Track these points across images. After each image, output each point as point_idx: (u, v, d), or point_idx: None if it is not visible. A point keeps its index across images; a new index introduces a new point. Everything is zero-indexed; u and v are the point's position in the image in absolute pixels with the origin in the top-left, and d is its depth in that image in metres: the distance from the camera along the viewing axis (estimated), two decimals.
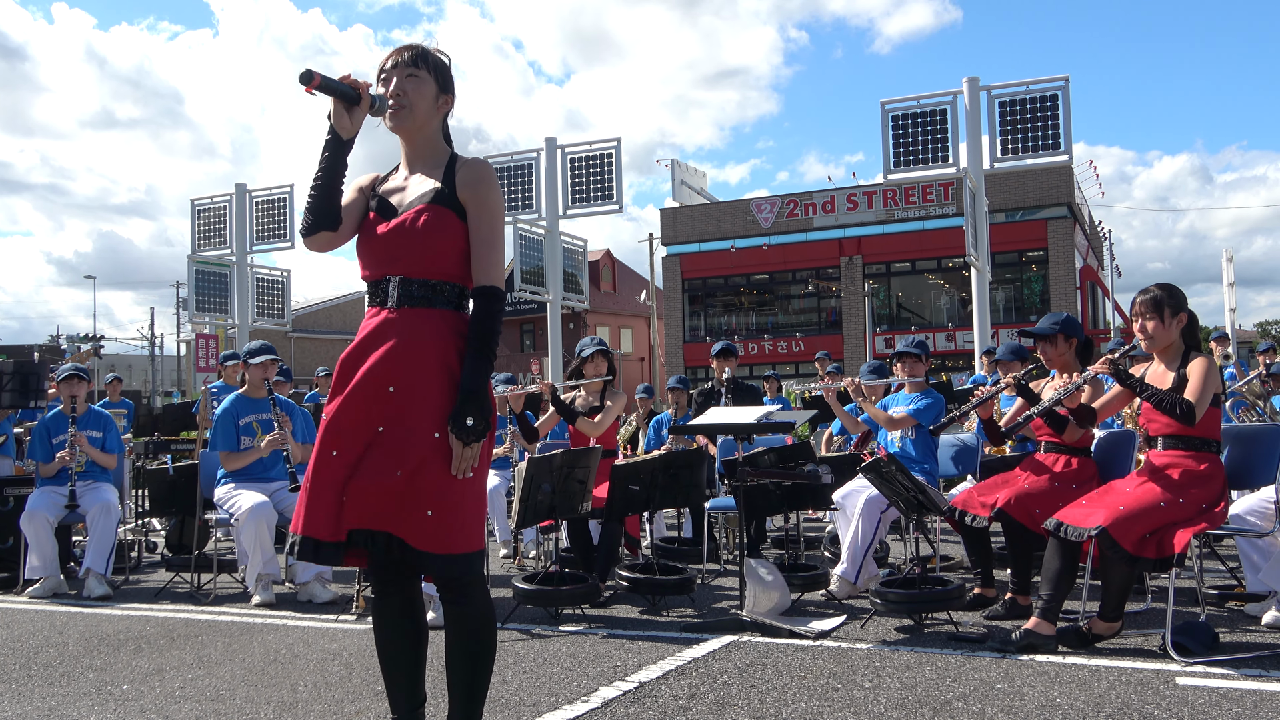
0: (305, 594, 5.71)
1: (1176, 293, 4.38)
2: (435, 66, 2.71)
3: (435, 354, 2.58)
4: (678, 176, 35.81)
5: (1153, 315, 4.33)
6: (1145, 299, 4.35)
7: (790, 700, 3.51)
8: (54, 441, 6.47)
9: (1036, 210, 30.17)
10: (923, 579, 4.74)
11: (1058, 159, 10.65)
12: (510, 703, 3.56)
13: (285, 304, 15.01)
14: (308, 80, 2.50)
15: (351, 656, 4.35)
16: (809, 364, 31.11)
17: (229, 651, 4.55)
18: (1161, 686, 3.55)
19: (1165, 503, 4.07)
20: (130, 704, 3.76)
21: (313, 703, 3.69)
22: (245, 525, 5.65)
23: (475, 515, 2.57)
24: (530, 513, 4.91)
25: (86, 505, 6.29)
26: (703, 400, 7.50)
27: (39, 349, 31.79)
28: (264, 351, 6.21)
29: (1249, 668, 3.77)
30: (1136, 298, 4.42)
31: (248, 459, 5.97)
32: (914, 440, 5.80)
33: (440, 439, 2.51)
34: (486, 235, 2.64)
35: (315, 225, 2.64)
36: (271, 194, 14.04)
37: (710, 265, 35.12)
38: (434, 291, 2.62)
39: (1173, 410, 4.11)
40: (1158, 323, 4.32)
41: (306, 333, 46.59)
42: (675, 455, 5.83)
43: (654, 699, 3.56)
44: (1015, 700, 3.44)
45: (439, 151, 2.75)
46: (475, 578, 2.59)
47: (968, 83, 10.72)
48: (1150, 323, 4.34)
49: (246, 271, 14.20)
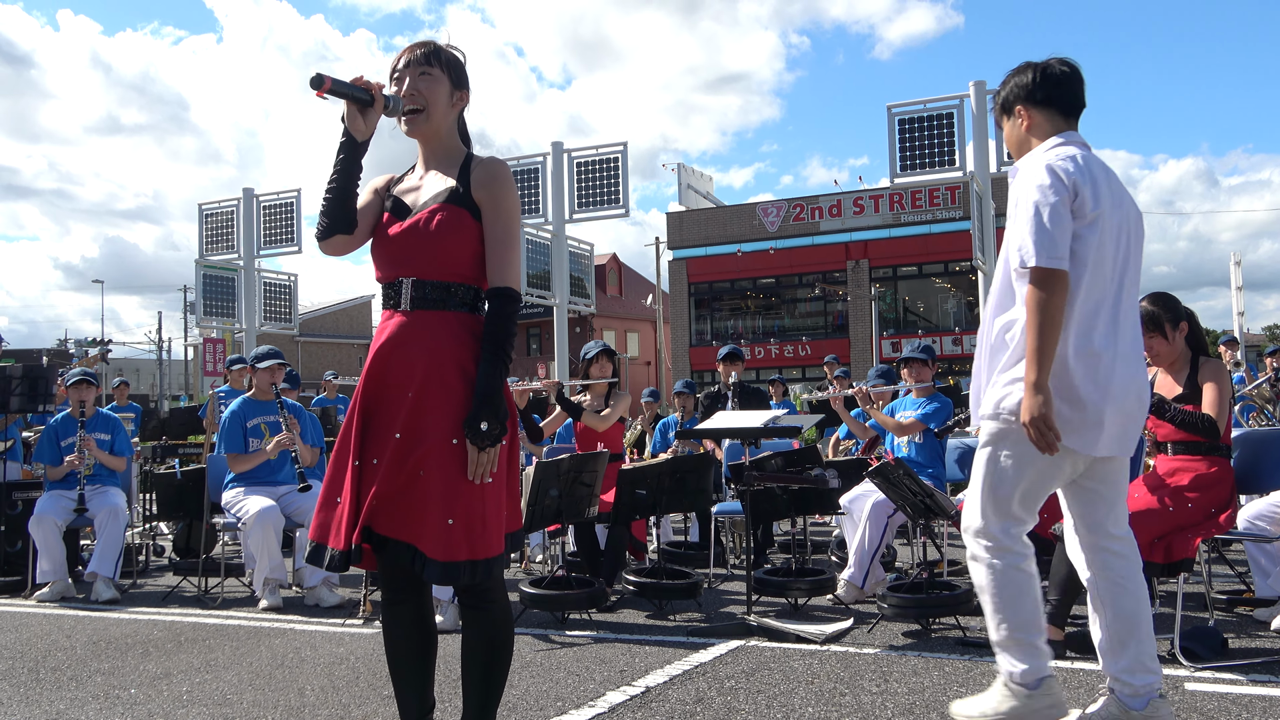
0: (312, 598, 5.72)
1: (1172, 302, 4.27)
2: (448, 63, 2.68)
3: (451, 357, 2.54)
4: (684, 180, 35.83)
5: (1154, 333, 4.22)
6: (1142, 317, 4.13)
7: (797, 705, 3.50)
8: (62, 445, 6.50)
9: None
10: (930, 584, 4.73)
11: None
12: (517, 707, 3.56)
13: (292, 308, 15.03)
14: (318, 85, 2.47)
15: (359, 661, 4.35)
16: (816, 368, 31.12)
17: (236, 655, 4.56)
18: (1170, 692, 3.54)
19: (1174, 507, 4.05)
20: (138, 708, 3.76)
21: (320, 707, 3.69)
22: (252, 529, 5.66)
23: (495, 520, 2.54)
24: (537, 517, 4.91)
25: (94, 509, 6.30)
26: (709, 404, 7.50)
27: (47, 353, 31.91)
28: (271, 356, 6.23)
29: (1258, 673, 3.76)
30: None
31: (255, 461, 5.98)
32: (921, 444, 5.79)
33: (458, 445, 2.48)
34: (502, 236, 2.61)
35: (330, 229, 2.62)
36: (279, 198, 14.08)
37: (716, 269, 35.13)
38: (448, 293, 2.59)
39: (1195, 429, 4.08)
40: (1161, 339, 4.23)
41: (314, 337, 46.68)
42: (682, 460, 5.83)
43: (661, 704, 3.56)
44: None
45: (454, 151, 2.73)
46: (495, 582, 2.58)
47: (974, 86, 10.71)
48: (1154, 341, 4.23)
49: (254, 275, 14.22)
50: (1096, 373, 2.89)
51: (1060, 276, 2.81)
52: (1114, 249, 2.96)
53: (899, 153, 11.08)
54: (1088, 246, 2.89)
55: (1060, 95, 3.07)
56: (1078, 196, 2.88)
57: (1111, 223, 2.94)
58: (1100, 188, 2.91)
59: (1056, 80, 3.07)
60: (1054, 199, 2.85)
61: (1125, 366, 2.94)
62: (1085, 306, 2.90)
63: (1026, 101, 3.11)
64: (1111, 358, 2.91)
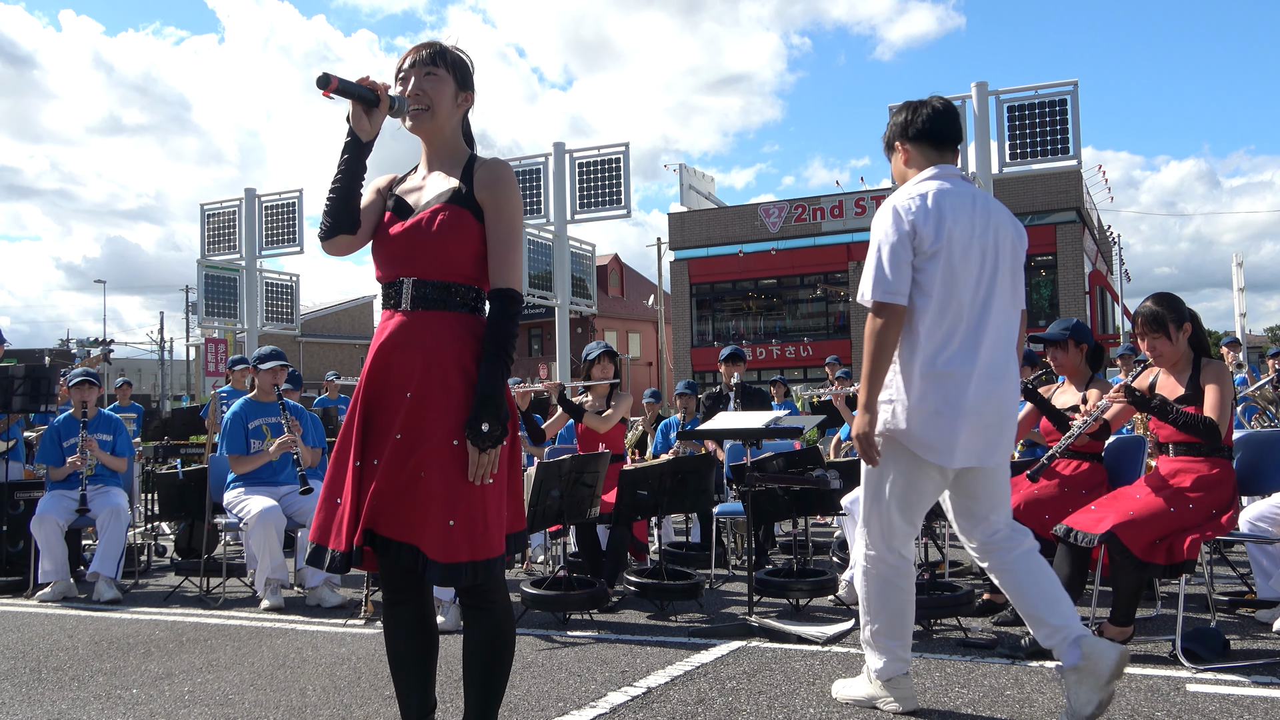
0: (314, 598, 5.72)
1: (1176, 303, 4.27)
2: (453, 64, 2.68)
3: (452, 358, 2.54)
4: (685, 181, 35.83)
5: (1158, 333, 4.23)
6: (1146, 317, 4.23)
7: (799, 706, 3.50)
8: (64, 445, 6.50)
9: (1045, 215, 30.11)
10: (931, 584, 4.73)
11: (1066, 164, 10.63)
12: (518, 708, 3.56)
13: (294, 308, 15.05)
14: (325, 84, 2.46)
15: (360, 661, 4.36)
16: (817, 368, 31.08)
17: (238, 655, 4.56)
18: (1171, 693, 3.54)
19: (1175, 508, 4.05)
20: (140, 708, 3.77)
21: (321, 707, 3.69)
22: (254, 529, 5.67)
23: (496, 520, 2.53)
24: (539, 518, 4.91)
25: (96, 509, 6.31)
26: (711, 405, 7.50)
27: (49, 353, 31.94)
28: (273, 357, 6.23)
29: (1260, 674, 3.76)
30: (1136, 315, 4.33)
31: (257, 462, 5.98)
32: None
33: (459, 446, 2.47)
34: (504, 236, 2.60)
35: (334, 229, 2.61)
36: (281, 199, 14.10)
37: (718, 270, 35.12)
38: (448, 293, 2.58)
39: (1196, 430, 4.08)
40: (1164, 339, 4.23)
41: (315, 337, 46.70)
42: (683, 460, 5.83)
43: (662, 704, 3.56)
44: (1024, 706, 3.43)
45: (458, 151, 2.72)
46: (497, 583, 2.58)
47: (976, 87, 10.71)
48: (1158, 341, 4.24)
49: (255, 276, 14.24)
50: (948, 391, 3.14)
51: (892, 309, 3.14)
52: (974, 275, 3.19)
53: None
54: (930, 278, 3.15)
55: (931, 131, 3.35)
56: (917, 234, 3.15)
57: (968, 251, 3.18)
58: (945, 222, 3.16)
59: (927, 117, 3.35)
60: (894, 238, 3.16)
61: (982, 385, 3.17)
62: (936, 331, 3.16)
63: (902, 138, 3.40)
64: (966, 377, 3.15)
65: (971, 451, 3.19)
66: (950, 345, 3.16)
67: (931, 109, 3.37)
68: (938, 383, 3.15)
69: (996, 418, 3.21)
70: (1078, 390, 5.01)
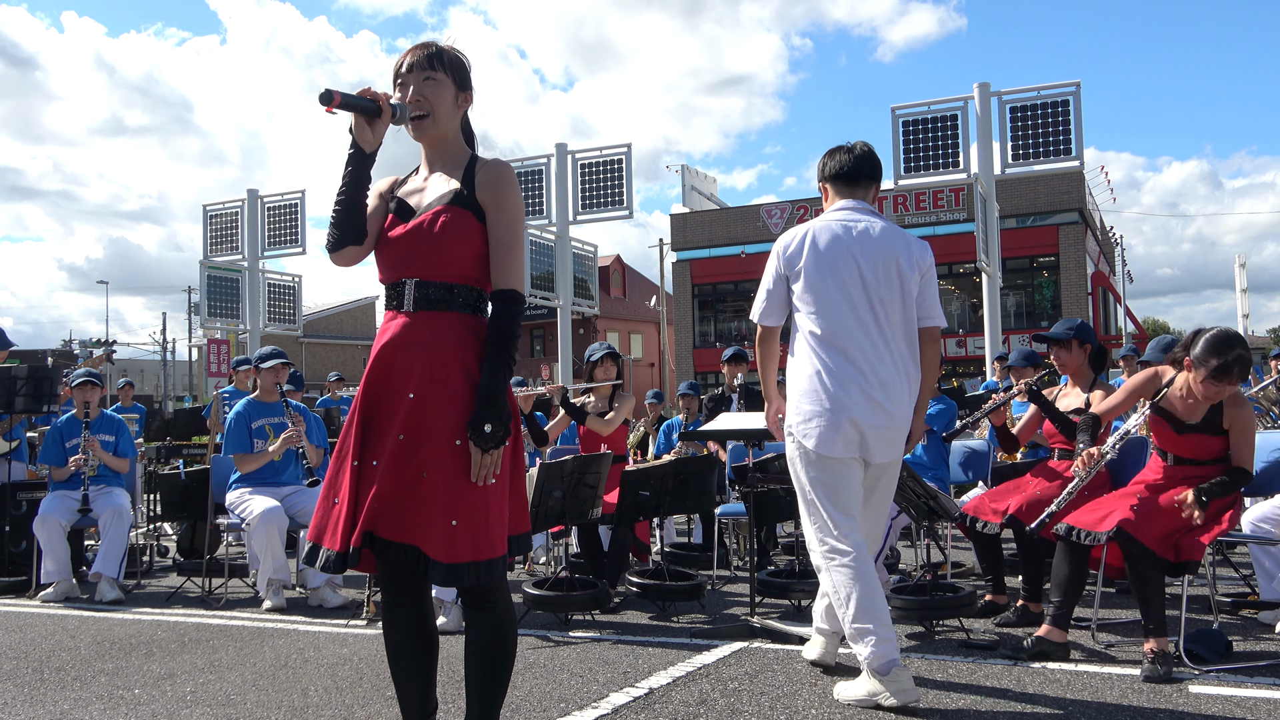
0: (316, 599, 5.73)
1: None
2: (452, 65, 2.68)
3: (454, 359, 2.54)
4: (687, 182, 35.83)
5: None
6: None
7: (801, 707, 3.50)
8: (67, 446, 6.51)
9: (1048, 215, 30.09)
10: (934, 585, 4.73)
11: (1069, 164, 10.63)
12: (520, 709, 3.56)
13: (296, 309, 15.08)
14: (328, 101, 2.46)
15: (362, 661, 4.36)
16: None
17: (240, 656, 4.56)
18: (1174, 694, 3.53)
19: (1177, 504, 4.04)
20: (142, 708, 3.77)
21: (323, 708, 3.69)
22: (256, 530, 5.67)
23: (498, 520, 2.53)
24: (541, 518, 4.91)
25: (99, 509, 6.31)
26: (713, 405, 7.50)
27: (52, 354, 31.93)
28: (275, 356, 6.24)
29: (1262, 676, 3.75)
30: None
31: (261, 460, 5.99)
32: (925, 446, 5.78)
33: (461, 446, 2.47)
34: (505, 237, 2.60)
35: (341, 240, 2.62)
36: (283, 200, 14.12)
37: (720, 270, 35.10)
38: (450, 294, 2.58)
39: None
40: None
41: (317, 338, 46.72)
42: (686, 461, 5.83)
43: (664, 705, 3.56)
44: (1026, 708, 3.42)
45: (459, 152, 2.72)
46: (498, 583, 2.57)
47: (978, 88, 10.70)
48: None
49: (258, 276, 14.27)
50: (828, 390, 3.56)
51: (766, 329, 3.81)
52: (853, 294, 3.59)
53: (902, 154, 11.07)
54: (805, 299, 3.66)
55: (840, 171, 3.83)
56: (789, 265, 3.70)
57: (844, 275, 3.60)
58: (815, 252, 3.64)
59: (840, 162, 3.84)
60: (770, 270, 3.77)
61: (859, 387, 3.54)
62: (815, 340, 3.62)
63: (821, 179, 3.93)
64: (846, 379, 3.55)
65: (853, 444, 3.56)
66: (829, 352, 3.58)
67: (844, 154, 3.84)
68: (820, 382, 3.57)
69: (874, 418, 3.55)
70: (1082, 392, 5.00)
